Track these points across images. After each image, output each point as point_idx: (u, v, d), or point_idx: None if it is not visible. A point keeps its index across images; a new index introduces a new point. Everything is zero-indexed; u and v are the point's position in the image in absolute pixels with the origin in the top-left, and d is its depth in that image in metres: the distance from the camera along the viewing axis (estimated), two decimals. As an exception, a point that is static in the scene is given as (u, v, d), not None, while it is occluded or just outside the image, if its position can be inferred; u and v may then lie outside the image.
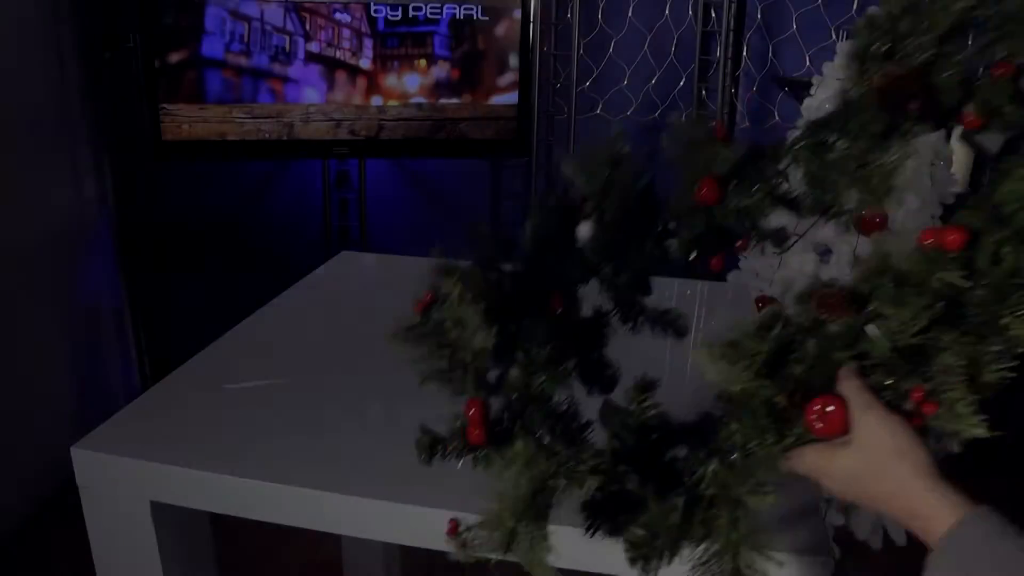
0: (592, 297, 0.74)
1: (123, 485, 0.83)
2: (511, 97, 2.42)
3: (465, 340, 0.65)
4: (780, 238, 0.70)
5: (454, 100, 2.40)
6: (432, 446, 0.68)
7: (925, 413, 0.54)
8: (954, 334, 0.54)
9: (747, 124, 2.62)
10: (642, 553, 0.60)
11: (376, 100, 2.36)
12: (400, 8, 2.30)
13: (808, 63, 2.47)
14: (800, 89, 2.41)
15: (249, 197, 2.78)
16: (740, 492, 0.56)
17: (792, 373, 0.58)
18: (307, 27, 2.27)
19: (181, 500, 0.82)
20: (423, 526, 0.74)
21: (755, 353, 0.57)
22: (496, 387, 0.67)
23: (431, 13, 2.32)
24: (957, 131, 0.66)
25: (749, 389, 0.57)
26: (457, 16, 2.34)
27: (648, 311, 0.75)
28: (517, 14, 2.35)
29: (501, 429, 0.65)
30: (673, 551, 0.59)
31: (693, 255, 0.70)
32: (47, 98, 2.24)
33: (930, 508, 0.53)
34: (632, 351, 0.73)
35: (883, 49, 0.66)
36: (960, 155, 2.31)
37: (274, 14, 2.25)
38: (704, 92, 2.62)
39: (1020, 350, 0.54)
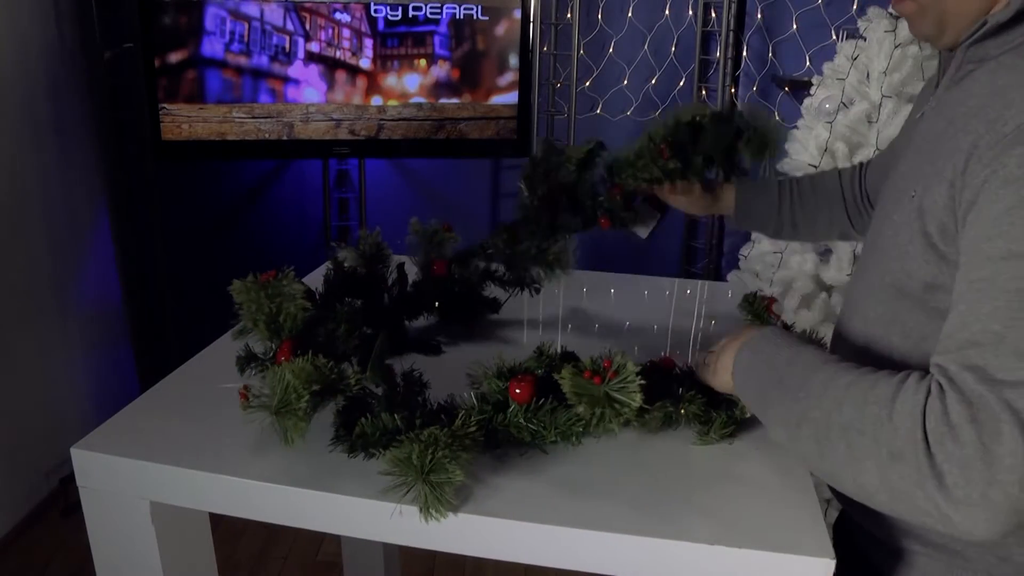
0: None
1: (123, 485, 0.83)
2: (511, 97, 2.42)
3: (286, 305, 0.89)
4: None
5: (454, 100, 2.40)
6: (248, 360, 0.90)
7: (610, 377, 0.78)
8: None
9: (747, 124, 2.62)
10: (360, 443, 0.79)
11: (376, 100, 2.36)
12: (400, 8, 2.30)
13: (808, 63, 2.47)
14: (800, 89, 2.41)
15: (249, 197, 2.78)
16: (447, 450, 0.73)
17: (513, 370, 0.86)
18: (307, 27, 2.27)
19: (181, 500, 0.82)
20: (422, 526, 0.74)
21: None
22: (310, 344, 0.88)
23: (431, 13, 2.32)
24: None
25: (493, 384, 0.84)
26: (457, 16, 2.34)
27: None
28: (517, 14, 2.35)
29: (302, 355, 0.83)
30: (386, 446, 0.76)
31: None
32: (47, 98, 2.24)
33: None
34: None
35: (545, 172, 1.13)
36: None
37: (274, 14, 2.25)
38: (704, 92, 2.62)
39: None
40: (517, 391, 0.81)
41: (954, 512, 0.58)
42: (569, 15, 2.58)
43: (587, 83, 2.66)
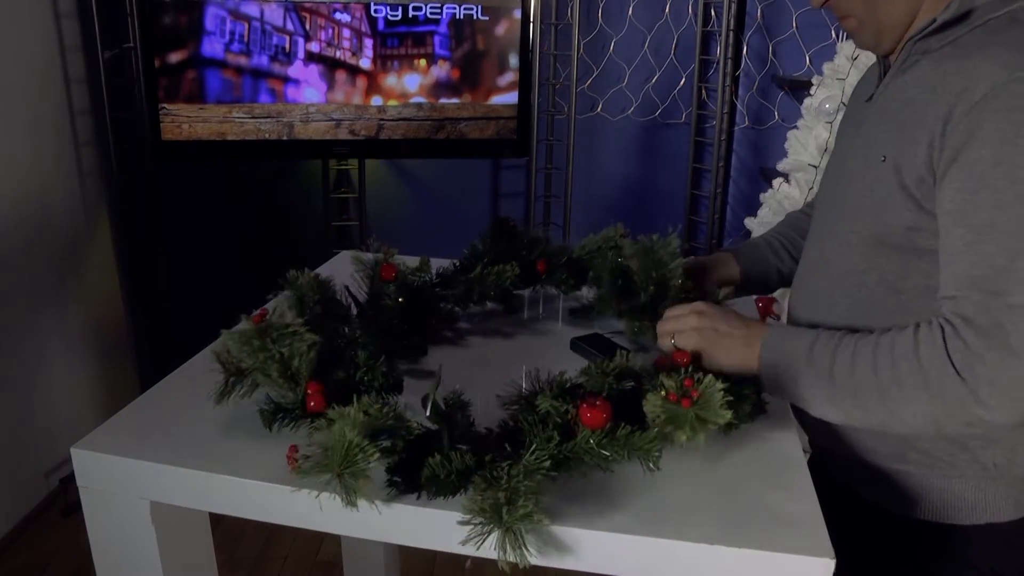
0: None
1: (123, 485, 0.83)
2: (511, 97, 2.43)
3: (297, 344, 0.82)
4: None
5: (454, 100, 2.40)
6: (274, 414, 0.83)
7: (693, 396, 0.78)
8: None
9: (747, 124, 2.62)
10: (433, 488, 0.73)
11: (376, 100, 2.36)
12: (400, 8, 2.31)
13: (808, 63, 2.47)
14: (800, 89, 2.41)
15: (249, 197, 2.78)
16: (525, 469, 0.71)
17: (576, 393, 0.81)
18: (307, 27, 2.27)
19: (181, 500, 0.82)
20: (423, 526, 0.74)
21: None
22: (327, 379, 0.83)
23: (431, 13, 2.32)
24: None
25: (555, 406, 0.78)
26: (457, 16, 2.34)
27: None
28: (517, 14, 2.35)
29: (335, 401, 0.78)
30: (458, 488, 0.72)
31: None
32: (46, 98, 2.24)
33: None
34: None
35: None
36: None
37: (274, 14, 2.25)
38: (704, 92, 2.62)
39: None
40: (589, 415, 0.76)
41: (992, 417, 0.73)
42: (569, 15, 2.58)
43: (587, 83, 2.66)
